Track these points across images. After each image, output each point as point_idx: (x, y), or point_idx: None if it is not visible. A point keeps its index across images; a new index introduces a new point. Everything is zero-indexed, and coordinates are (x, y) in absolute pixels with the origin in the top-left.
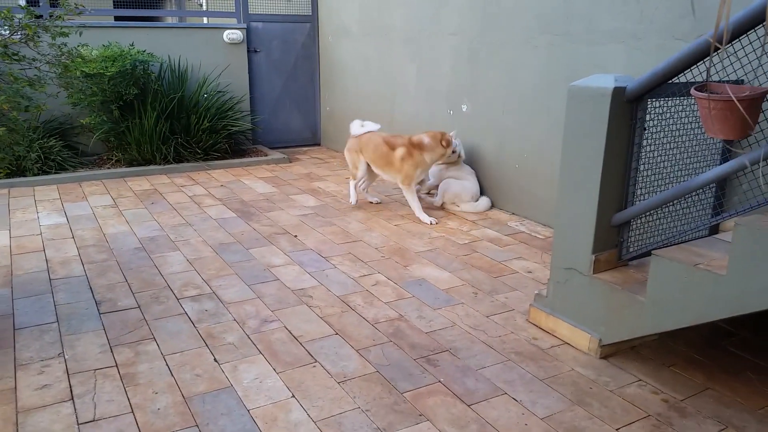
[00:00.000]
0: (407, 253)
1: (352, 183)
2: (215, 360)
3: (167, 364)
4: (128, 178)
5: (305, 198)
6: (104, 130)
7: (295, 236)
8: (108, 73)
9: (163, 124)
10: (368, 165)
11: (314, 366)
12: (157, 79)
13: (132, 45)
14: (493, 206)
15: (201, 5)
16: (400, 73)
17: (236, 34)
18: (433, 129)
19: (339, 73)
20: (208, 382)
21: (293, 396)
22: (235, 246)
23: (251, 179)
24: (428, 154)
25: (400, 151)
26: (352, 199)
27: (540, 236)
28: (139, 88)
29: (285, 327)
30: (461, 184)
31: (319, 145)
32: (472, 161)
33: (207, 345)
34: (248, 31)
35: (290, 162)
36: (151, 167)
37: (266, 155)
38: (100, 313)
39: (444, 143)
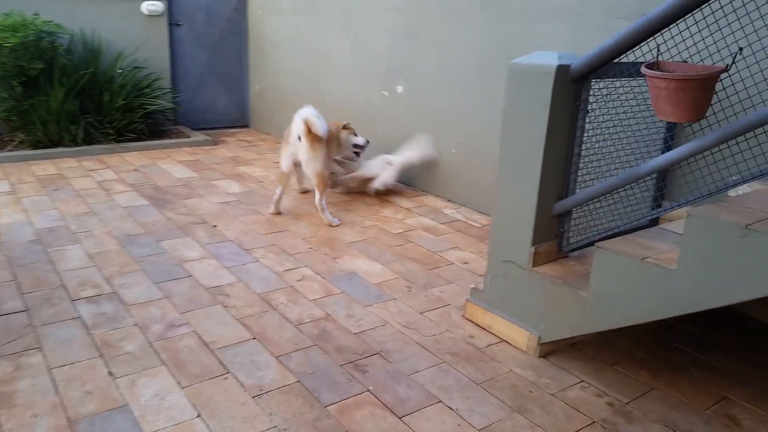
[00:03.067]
0: (337, 243)
1: (324, 201)
2: (110, 373)
3: (53, 380)
4: (32, 161)
5: (228, 184)
6: (4, 108)
7: (214, 226)
8: (7, 45)
9: (72, 102)
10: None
11: (226, 378)
12: (67, 53)
13: (37, 14)
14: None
15: None
16: (333, 50)
17: (156, 6)
18: (369, 110)
19: (269, 50)
20: (100, 401)
21: (199, 415)
22: (145, 238)
23: (169, 163)
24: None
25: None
26: (334, 220)
27: (476, 224)
28: (45, 62)
29: (195, 332)
30: None
31: (248, 126)
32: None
33: (102, 355)
34: (170, 3)
35: (215, 144)
36: (59, 149)
37: (188, 137)
38: None
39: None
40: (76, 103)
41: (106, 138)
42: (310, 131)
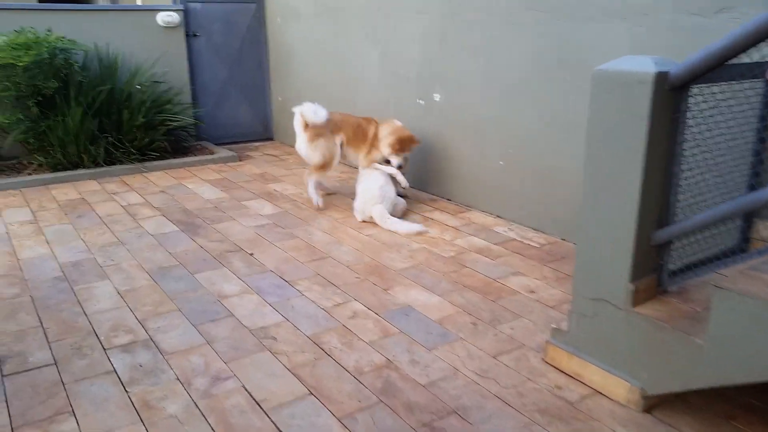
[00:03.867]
0: (386, 271)
1: (312, 181)
2: None
3: None
4: (52, 185)
5: (260, 204)
6: (21, 130)
7: (251, 254)
8: (21, 64)
9: (90, 121)
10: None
11: None
12: (82, 70)
13: (49, 31)
14: (471, 207)
15: None
16: (360, 58)
17: (172, 17)
18: (403, 121)
19: (291, 59)
20: None
21: None
22: (178, 270)
23: (196, 182)
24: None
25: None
26: (318, 201)
27: (534, 244)
28: (60, 80)
29: (243, 387)
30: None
31: (271, 139)
32: (447, 157)
33: (142, 420)
34: (186, 13)
35: (240, 160)
36: (79, 172)
37: (212, 153)
38: (2, 376)
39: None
40: (95, 122)
41: (127, 158)
42: (306, 125)
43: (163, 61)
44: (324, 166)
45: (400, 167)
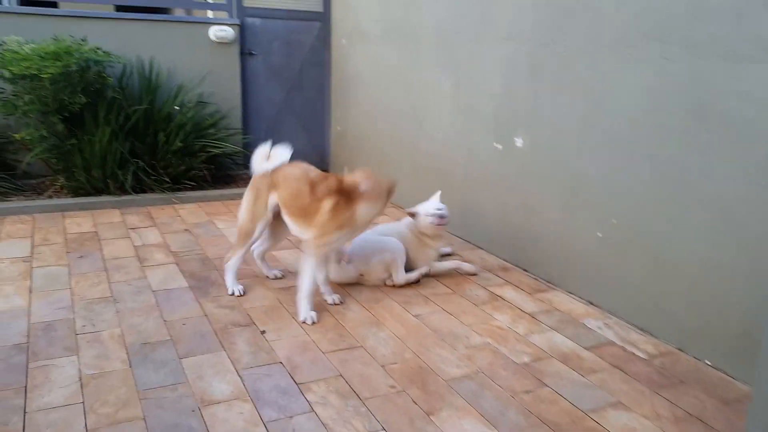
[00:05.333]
0: (433, 380)
1: (238, 255)
2: None
3: None
4: (69, 212)
5: (295, 257)
6: (44, 147)
7: (263, 332)
8: (45, 76)
9: (120, 143)
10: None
11: None
12: (119, 85)
13: (83, 40)
14: (555, 286)
15: None
16: (430, 88)
17: (226, 32)
18: (470, 168)
19: (354, 86)
20: None
21: None
22: (164, 350)
23: (228, 221)
24: (364, 206)
25: (328, 202)
26: (236, 289)
27: (640, 354)
28: (90, 95)
29: None
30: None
31: (327, 171)
32: (528, 217)
33: None
34: (242, 29)
35: None
36: (102, 198)
37: None
38: None
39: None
40: (126, 144)
41: (159, 186)
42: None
43: (212, 81)
44: (240, 231)
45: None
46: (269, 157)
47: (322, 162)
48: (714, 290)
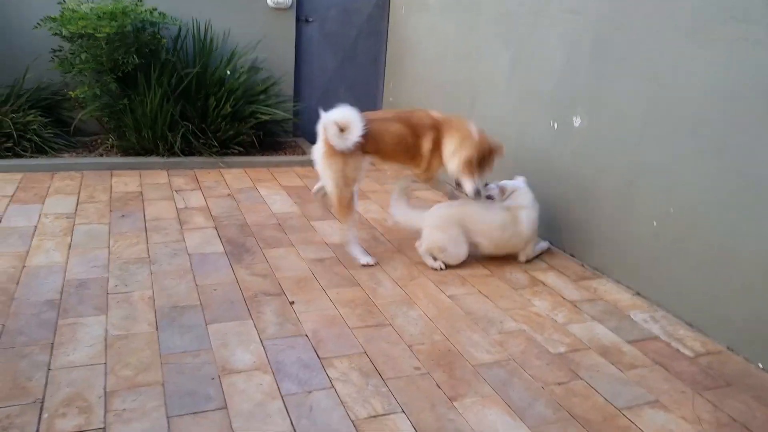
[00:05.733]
0: (461, 364)
1: (349, 226)
2: None
3: None
4: (117, 171)
5: (332, 228)
6: (96, 106)
7: (292, 303)
8: (100, 35)
9: (172, 105)
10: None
11: None
12: (174, 47)
13: (141, 0)
14: (602, 274)
15: None
16: (487, 61)
17: None
18: (529, 145)
19: (410, 57)
20: None
21: None
22: (192, 315)
23: (271, 188)
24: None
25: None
26: (367, 258)
27: (686, 351)
28: (144, 56)
29: None
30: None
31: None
32: (580, 201)
33: None
34: None
35: None
36: (151, 159)
37: (303, 154)
38: None
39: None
40: (177, 107)
41: (207, 150)
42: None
43: (267, 46)
44: (342, 198)
45: (479, 193)
46: (343, 130)
47: None
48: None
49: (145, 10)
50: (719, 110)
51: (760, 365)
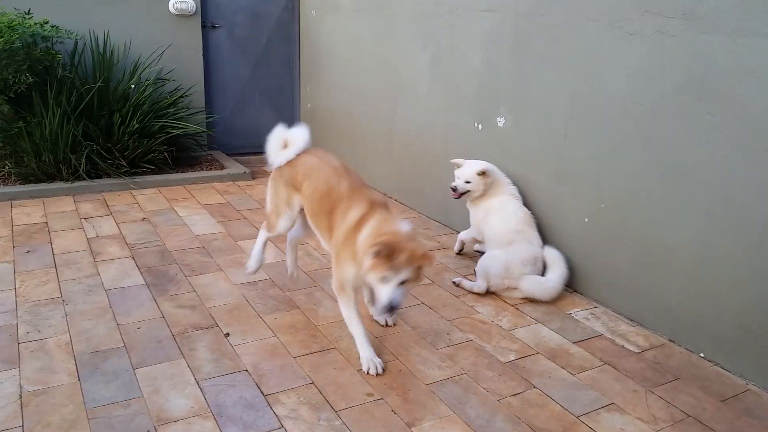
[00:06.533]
0: (413, 385)
1: (264, 236)
2: None
3: None
4: (18, 201)
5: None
6: None
7: (227, 335)
8: None
9: (72, 125)
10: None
11: None
12: (71, 63)
13: (28, 13)
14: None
15: None
16: (407, 63)
17: (187, 3)
18: (449, 149)
19: (325, 61)
20: None
21: None
22: (116, 359)
23: (190, 207)
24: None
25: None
26: (254, 268)
27: (631, 347)
28: (38, 74)
29: None
30: (502, 257)
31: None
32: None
33: None
34: (204, 1)
35: (254, 179)
36: (54, 185)
37: (222, 168)
38: None
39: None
40: (78, 126)
41: (115, 170)
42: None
43: (173, 56)
44: (269, 217)
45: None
46: (286, 144)
47: None
48: (710, 279)
49: (35, 24)
50: (641, 102)
51: (702, 355)
